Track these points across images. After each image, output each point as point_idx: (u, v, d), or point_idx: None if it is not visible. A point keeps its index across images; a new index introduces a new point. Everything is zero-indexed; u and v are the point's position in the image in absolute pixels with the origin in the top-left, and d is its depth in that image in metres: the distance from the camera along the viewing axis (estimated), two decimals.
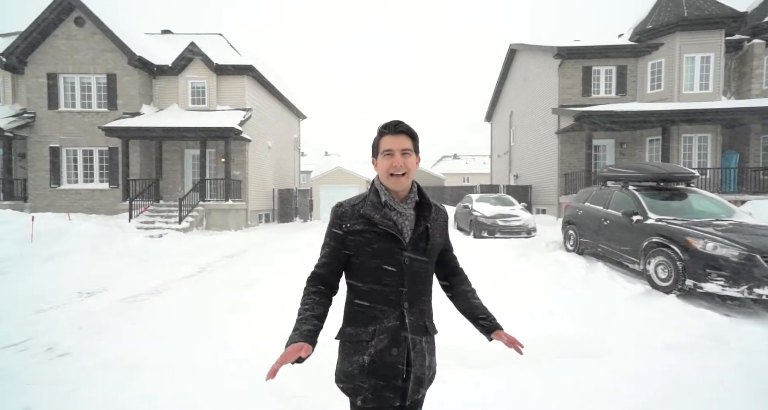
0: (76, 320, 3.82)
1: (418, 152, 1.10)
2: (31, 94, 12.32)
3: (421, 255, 1.07)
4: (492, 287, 3.79)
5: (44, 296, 4.69)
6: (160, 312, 4.06)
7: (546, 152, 13.55)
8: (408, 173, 1.05)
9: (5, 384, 2.46)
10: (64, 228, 7.32)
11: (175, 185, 13.10)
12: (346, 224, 1.06)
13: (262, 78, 13.75)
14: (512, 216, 8.66)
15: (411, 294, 1.06)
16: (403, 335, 1.04)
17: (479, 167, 52.79)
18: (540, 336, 2.67)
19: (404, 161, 1.04)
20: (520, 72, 16.74)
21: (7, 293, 4.74)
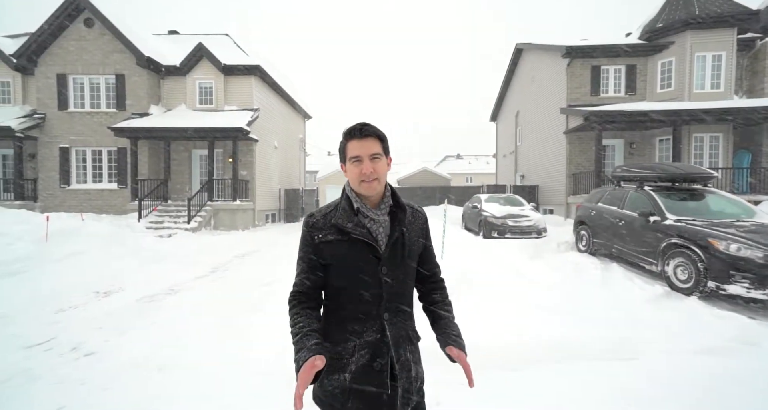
0: (97, 320, 3.84)
1: (388, 153, 1.04)
2: (41, 94, 12.40)
3: (399, 262, 1.02)
4: (511, 288, 3.77)
5: (62, 295, 4.72)
6: (179, 312, 4.07)
7: (554, 151, 13.49)
8: (379, 178, 1.00)
9: (36, 384, 2.48)
10: (77, 228, 7.37)
11: (182, 185, 13.14)
12: (318, 235, 1.01)
13: (269, 78, 13.77)
14: (522, 217, 8.63)
15: (391, 304, 1.01)
16: (385, 348, 0.98)
17: (482, 167, 52.68)
18: (568, 338, 2.65)
19: (374, 166, 0.99)
20: (527, 72, 16.67)
21: (27, 292, 4.77)
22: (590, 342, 2.69)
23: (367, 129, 1.00)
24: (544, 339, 2.62)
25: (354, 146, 1.00)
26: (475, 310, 3.05)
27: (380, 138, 1.02)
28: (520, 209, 9.14)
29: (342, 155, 1.04)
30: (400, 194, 1.11)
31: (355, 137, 1.00)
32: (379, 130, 1.03)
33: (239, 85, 13.07)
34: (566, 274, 5.00)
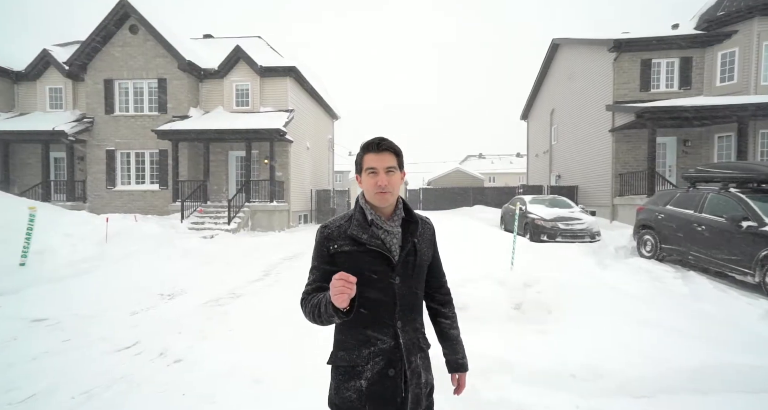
0: (172, 323, 3.85)
1: (402, 167, 1.10)
2: (89, 99, 12.96)
3: (410, 272, 1.06)
4: (601, 299, 3.49)
5: (130, 297, 4.81)
6: (250, 317, 4.03)
7: (596, 150, 12.88)
8: (392, 191, 1.05)
9: (140, 392, 2.45)
10: (131, 229, 7.58)
11: (219, 186, 13.42)
12: (333, 245, 1.05)
13: (303, 79, 13.85)
14: (574, 219, 8.22)
15: (404, 313, 1.05)
16: (399, 355, 1.03)
17: (506, 167, 51.53)
18: (703, 364, 2.37)
19: (388, 179, 1.03)
20: (564, 68, 16.04)
21: (98, 292, 4.89)
22: (721, 367, 2.40)
23: (384, 144, 1.05)
24: (675, 364, 2.36)
25: (371, 158, 1.04)
26: (583, 326, 2.82)
27: (396, 153, 1.06)
28: (569, 212, 8.72)
29: (358, 166, 1.09)
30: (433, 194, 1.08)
31: (372, 150, 1.05)
32: (395, 145, 1.07)
33: (275, 87, 13.20)
34: (645, 283, 4.64)
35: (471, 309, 3.14)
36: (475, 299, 3.19)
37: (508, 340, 2.72)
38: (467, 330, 3.34)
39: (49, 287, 4.94)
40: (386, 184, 1.02)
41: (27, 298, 4.48)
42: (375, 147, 1.05)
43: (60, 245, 5.88)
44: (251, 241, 9.79)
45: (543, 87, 19.15)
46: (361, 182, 1.08)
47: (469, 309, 3.15)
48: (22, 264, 4.97)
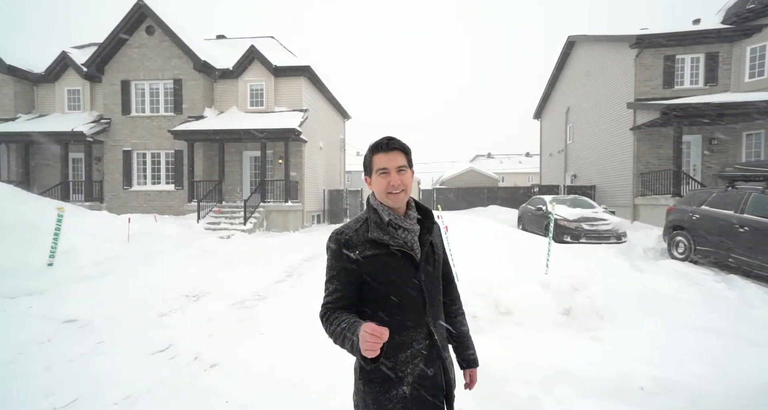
0: (202, 326, 3.79)
1: (411, 166, 1.09)
2: (107, 100, 13.09)
3: (431, 269, 1.06)
4: (649, 306, 3.31)
5: (156, 297, 4.77)
6: (278, 320, 3.95)
7: (616, 149, 12.58)
8: (406, 190, 1.04)
9: (184, 397, 2.38)
10: (152, 230, 7.58)
11: (233, 186, 13.44)
12: (355, 251, 1.01)
13: (317, 78, 13.81)
14: (599, 220, 8.00)
15: (433, 310, 1.05)
16: (435, 353, 1.03)
17: (515, 167, 50.96)
18: None
19: (401, 178, 1.03)
20: (581, 65, 15.73)
21: (123, 293, 4.86)
22: None
23: (393, 143, 1.04)
24: (753, 380, 2.20)
25: (380, 159, 1.03)
26: (641, 333, 2.67)
27: (405, 151, 1.06)
28: (593, 212, 8.50)
29: (368, 168, 1.07)
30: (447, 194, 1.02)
31: (382, 150, 1.03)
32: (404, 144, 1.06)
33: (289, 87, 13.18)
34: (687, 286, 4.45)
35: (515, 314, 3.01)
36: (519, 303, 3.05)
37: (562, 348, 2.58)
38: (514, 336, 3.21)
39: (76, 288, 4.94)
40: (399, 183, 1.02)
41: (56, 298, 4.47)
42: (384, 147, 1.03)
43: (84, 245, 5.89)
44: (267, 241, 9.76)
45: (557, 85, 18.83)
46: (371, 184, 1.07)
47: (514, 313, 3.02)
48: (50, 264, 4.98)
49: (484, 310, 3.09)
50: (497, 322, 3.00)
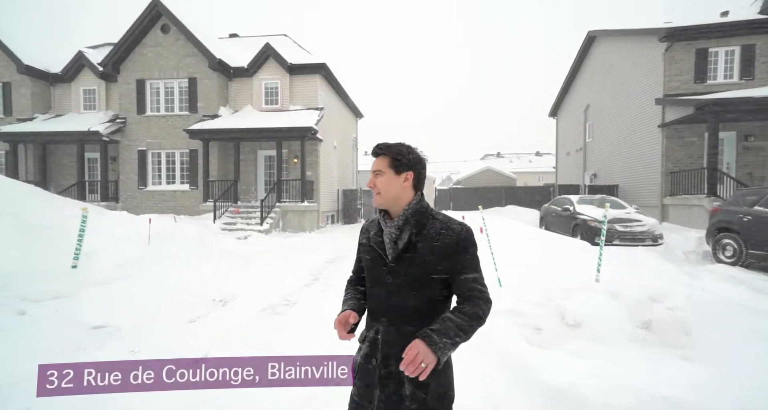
0: (235, 334, 3.58)
1: (400, 169, 1.10)
2: (122, 100, 13.05)
3: (403, 274, 1.06)
4: (735, 320, 3.00)
5: (182, 301, 4.59)
6: (313, 328, 3.69)
7: (641, 148, 12.14)
8: (381, 192, 1.10)
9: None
10: (171, 230, 7.44)
11: (248, 185, 13.31)
12: (362, 237, 1.21)
13: (332, 76, 13.61)
14: (633, 221, 7.64)
15: (391, 311, 1.08)
16: (377, 350, 1.08)
17: (525, 166, 50.26)
18: None
19: (375, 181, 1.11)
20: (602, 61, 15.27)
21: (148, 297, 4.69)
22: None
23: (376, 148, 1.13)
24: None
25: (372, 163, 1.14)
26: (741, 353, 2.37)
27: (390, 156, 1.10)
28: (625, 213, 8.14)
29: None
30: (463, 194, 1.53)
31: (372, 154, 1.15)
32: (388, 149, 1.11)
33: (304, 85, 13.00)
34: (756, 294, 4.11)
35: (585, 327, 2.73)
36: (588, 314, 2.77)
37: (649, 369, 2.29)
38: (587, 352, 2.91)
39: (100, 291, 4.78)
40: (373, 185, 1.10)
41: (82, 302, 4.31)
42: (372, 152, 1.14)
43: (106, 246, 5.75)
44: (285, 242, 9.58)
45: (576, 82, 18.36)
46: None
47: (583, 326, 2.74)
48: (74, 266, 4.83)
49: (548, 321, 2.81)
50: (565, 336, 2.72)
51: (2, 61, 13.01)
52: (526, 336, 2.79)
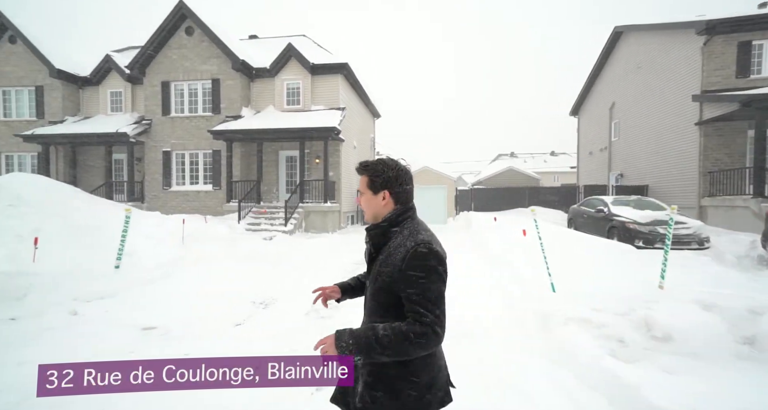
0: (284, 339, 3.48)
1: (376, 189, 1.15)
2: (147, 102, 13.24)
3: (371, 282, 1.15)
4: None
5: (223, 303, 4.53)
6: None
7: (675, 146, 11.67)
8: (365, 210, 1.20)
9: None
10: (202, 230, 7.44)
11: (270, 186, 13.33)
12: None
13: (352, 76, 13.53)
14: (678, 223, 7.28)
15: (367, 314, 1.19)
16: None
17: (540, 166, 49.31)
18: None
19: (359, 199, 1.20)
20: (629, 57, 14.79)
21: (189, 297, 4.65)
22: None
23: (357, 168, 1.21)
24: None
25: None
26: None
27: (368, 176, 1.17)
28: (665, 214, 7.78)
29: None
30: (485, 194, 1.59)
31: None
32: (366, 168, 1.17)
33: (325, 85, 12.95)
34: None
35: (676, 341, 2.52)
36: (679, 327, 2.56)
37: (763, 392, 2.07)
38: (681, 369, 2.66)
39: (143, 291, 4.78)
40: (358, 203, 1.27)
41: (127, 302, 4.30)
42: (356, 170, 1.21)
43: (143, 247, 5.76)
44: (309, 242, 9.52)
45: (599, 80, 17.86)
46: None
47: (674, 340, 2.53)
48: (117, 267, 4.83)
49: (632, 333, 2.61)
50: (654, 350, 2.52)
51: (35, 66, 13.36)
52: (609, 348, 2.59)
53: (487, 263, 6.71)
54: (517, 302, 4.28)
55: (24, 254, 3.90)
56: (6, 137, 13.72)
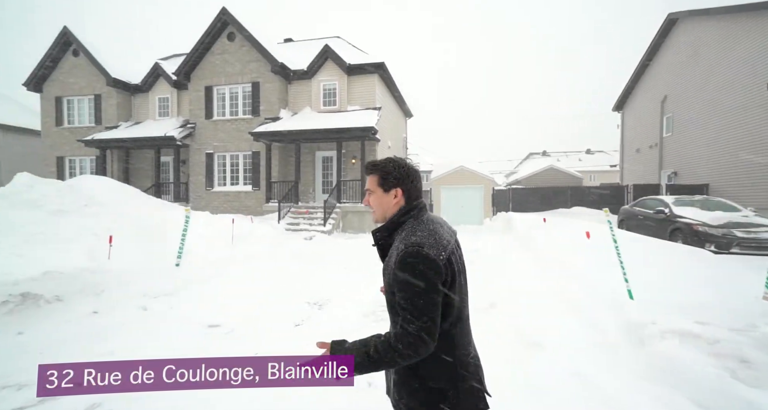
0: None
1: (388, 187, 1.17)
2: (192, 106, 13.86)
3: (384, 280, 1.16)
4: None
5: (279, 303, 4.55)
6: None
7: (748, 141, 10.61)
8: (374, 209, 1.22)
9: None
10: (248, 230, 7.61)
11: (306, 186, 13.53)
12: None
13: (388, 75, 13.46)
14: (759, 226, 6.57)
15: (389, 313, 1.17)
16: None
17: (573, 164, 47.02)
18: None
19: (368, 199, 1.23)
20: (686, 46, 13.68)
21: (245, 296, 4.72)
22: None
23: (366, 167, 1.24)
24: None
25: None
26: None
27: (378, 175, 1.18)
28: (741, 216, 7.06)
29: None
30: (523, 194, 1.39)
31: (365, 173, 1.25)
32: (376, 167, 1.20)
33: (361, 85, 12.97)
34: None
35: None
36: None
37: None
38: None
39: (201, 289, 4.91)
40: (367, 203, 1.24)
41: (189, 300, 4.42)
42: (365, 170, 1.24)
43: (198, 246, 5.93)
44: (349, 243, 9.52)
45: (648, 73, 16.70)
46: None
47: None
48: (177, 265, 5.00)
49: (756, 353, 2.28)
50: None
51: (94, 76, 14.39)
52: (728, 368, 2.28)
53: (539, 265, 6.37)
54: (589, 310, 3.97)
55: (100, 251, 4.10)
56: (70, 142, 14.88)
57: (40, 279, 3.22)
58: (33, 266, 3.20)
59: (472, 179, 14.72)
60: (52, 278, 3.33)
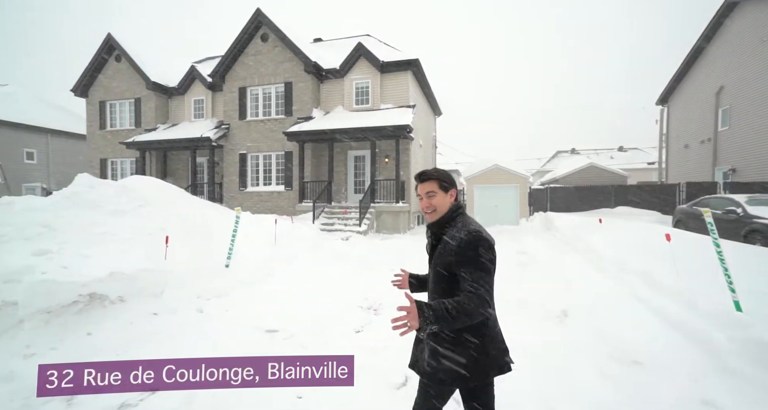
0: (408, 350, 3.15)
1: (448, 187, 1.46)
2: (226, 107, 14.08)
3: (433, 265, 1.46)
4: None
5: (332, 307, 4.35)
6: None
7: None
8: (437, 209, 1.45)
9: None
10: (288, 230, 7.51)
11: (339, 186, 13.42)
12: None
13: (420, 72, 13.14)
14: None
15: (431, 291, 1.47)
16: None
17: (605, 162, 44.71)
18: None
19: (429, 201, 1.45)
20: (748, 32, 12.55)
21: (297, 298, 4.56)
22: None
23: (423, 175, 1.48)
24: None
25: (419, 187, 1.50)
26: None
27: (437, 179, 1.46)
28: None
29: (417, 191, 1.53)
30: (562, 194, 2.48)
31: (418, 181, 1.50)
32: (434, 174, 1.48)
33: (394, 83, 12.72)
34: None
35: None
36: None
37: None
38: None
39: (251, 290, 4.79)
40: (427, 206, 1.46)
41: (241, 302, 4.30)
42: (418, 178, 1.49)
43: (244, 246, 5.85)
44: (385, 243, 9.28)
45: (700, 62, 15.50)
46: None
47: None
48: (227, 266, 4.91)
49: None
50: None
51: (135, 80, 14.94)
52: None
53: (602, 270, 5.88)
54: (688, 324, 3.51)
55: (156, 251, 4.04)
56: (112, 144, 15.52)
57: (105, 280, 3.15)
58: (99, 266, 3.14)
59: (507, 178, 14.13)
60: (116, 278, 3.26)
